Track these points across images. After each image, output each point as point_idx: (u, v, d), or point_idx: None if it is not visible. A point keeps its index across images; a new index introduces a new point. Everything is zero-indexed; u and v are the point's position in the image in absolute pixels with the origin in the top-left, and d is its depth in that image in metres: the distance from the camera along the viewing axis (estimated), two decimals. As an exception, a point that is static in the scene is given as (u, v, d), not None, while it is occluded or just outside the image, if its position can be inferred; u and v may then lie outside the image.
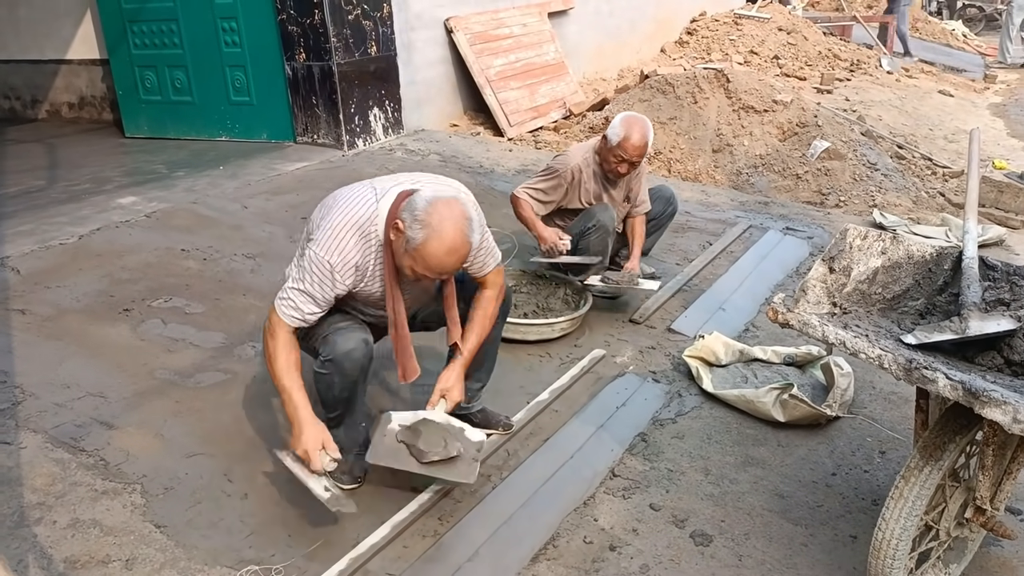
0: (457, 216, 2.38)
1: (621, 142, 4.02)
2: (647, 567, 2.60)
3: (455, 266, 2.43)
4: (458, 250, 2.39)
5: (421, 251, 2.36)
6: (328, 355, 2.57)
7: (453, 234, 2.36)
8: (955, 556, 2.54)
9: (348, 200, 2.53)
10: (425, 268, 2.40)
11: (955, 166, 7.12)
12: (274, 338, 2.51)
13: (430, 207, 2.36)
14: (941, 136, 8.32)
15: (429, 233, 2.34)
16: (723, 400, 3.52)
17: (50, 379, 3.25)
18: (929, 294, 2.60)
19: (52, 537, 2.49)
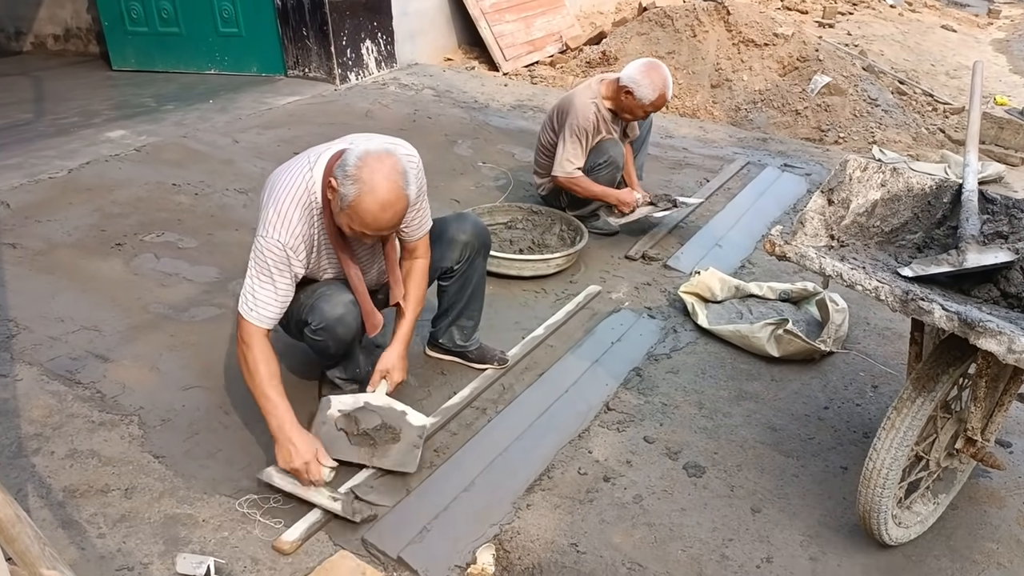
0: (389, 170, 2.27)
1: (656, 100, 4.02)
2: (640, 497, 2.64)
3: (391, 221, 2.32)
4: (392, 204, 2.28)
5: (355, 207, 2.26)
6: (319, 323, 2.54)
7: (386, 187, 2.25)
8: (944, 487, 2.58)
9: (285, 177, 2.43)
10: (361, 225, 2.31)
11: (956, 102, 7.04)
12: (250, 348, 2.39)
13: (360, 162, 2.26)
14: (943, 72, 8.20)
15: (361, 188, 2.24)
16: (718, 335, 3.53)
17: (43, 313, 3.24)
18: (927, 227, 2.59)
19: (51, 467, 2.50)
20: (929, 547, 2.50)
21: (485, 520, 2.49)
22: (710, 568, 2.39)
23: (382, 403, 2.66)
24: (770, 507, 2.63)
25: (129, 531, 2.31)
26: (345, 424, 2.60)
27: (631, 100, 4.05)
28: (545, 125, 4.36)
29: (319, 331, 2.56)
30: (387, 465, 2.60)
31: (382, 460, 2.60)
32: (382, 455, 2.59)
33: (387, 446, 2.60)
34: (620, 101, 4.10)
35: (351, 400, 2.64)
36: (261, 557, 2.27)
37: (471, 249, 2.90)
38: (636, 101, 4.04)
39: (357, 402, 2.63)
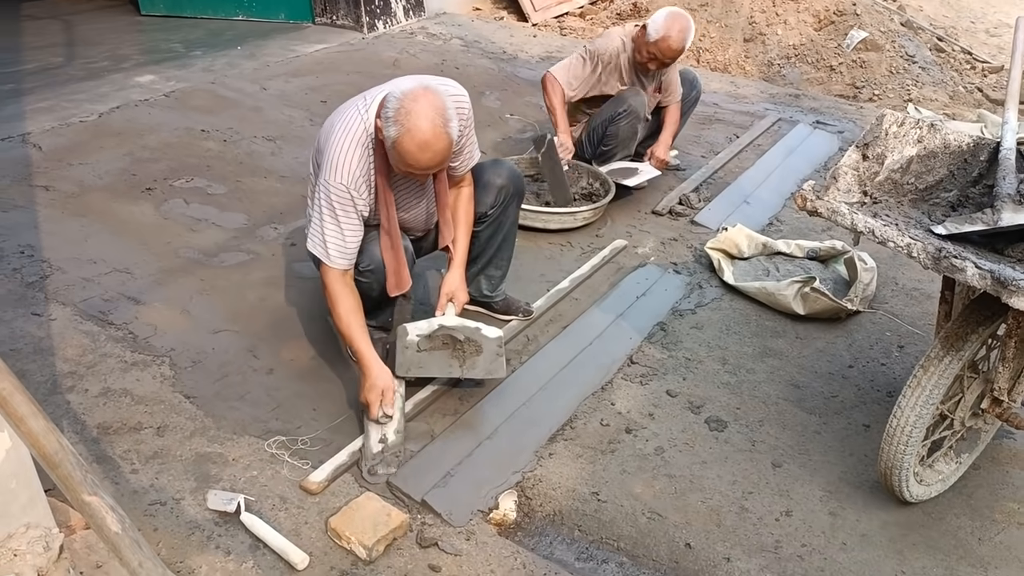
0: (426, 108, 2.27)
1: (658, 40, 3.89)
2: (662, 449, 2.66)
3: (433, 160, 2.33)
4: (431, 144, 2.28)
5: (397, 148, 2.29)
6: (368, 265, 2.59)
7: (423, 126, 2.26)
8: (967, 446, 2.58)
9: (342, 121, 2.47)
10: (405, 165, 2.34)
11: (995, 61, 6.85)
12: (326, 288, 2.51)
13: (398, 103, 2.28)
14: (983, 29, 7.97)
15: (399, 128, 2.27)
16: (743, 292, 3.52)
17: (76, 255, 3.29)
18: (963, 186, 2.54)
19: (85, 404, 2.57)
20: (949, 505, 2.51)
21: (508, 467, 2.53)
22: (729, 520, 2.42)
23: (455, 323, 2.73)
24: (791, 462, 2.64)
25: (161, 467, 2.37)
26: (427, 345, 2.68)
27: (641, 36, 3.97)
28: None
29: (366, 273, 2.60)
30: (477, 375, 2.71)
31: (471, 371, 2.70)
32: (470, 367, 2.69)
33: (473, 358, 2.69)
34: (636, 41, 4.02)
35: (426, 324, 2.70)
36: (289, 496, 2.32)
37: (506, 193, 2.90)
38: (643, 37, 3.94)
39: (432, 326, 2.70)
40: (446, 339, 2.69)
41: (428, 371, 2.70)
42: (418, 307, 3.21)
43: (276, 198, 3.90)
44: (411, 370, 2.66)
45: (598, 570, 2.26)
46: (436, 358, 2.69)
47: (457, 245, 2.81)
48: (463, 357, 2.69)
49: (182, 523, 2.20)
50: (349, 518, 2.21)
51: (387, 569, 2.15)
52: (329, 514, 2.25)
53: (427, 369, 2.69)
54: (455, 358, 2.69)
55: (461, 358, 2.69)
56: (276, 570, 2.10)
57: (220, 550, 2.13)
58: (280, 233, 3.62)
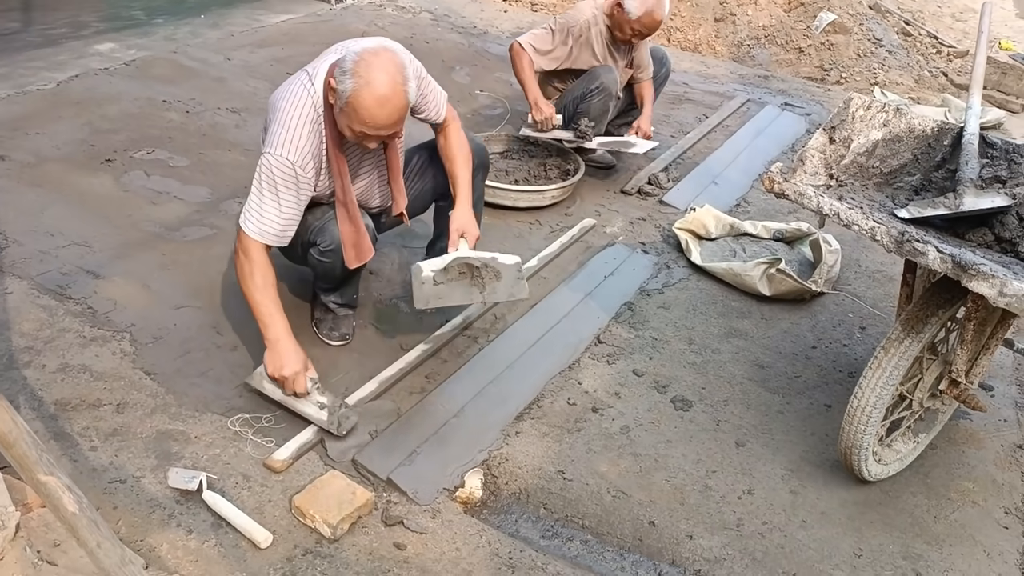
0: (385, 62, 2.24)
1: (642, 16, 3.89)
2: (628, 428, 2.68)
3: (391, 119, 2.27)
4: (390, 99, 2.23)
5: (353, 103, 2.22)
6: (328, 245, 2.53)
7: (383, 80, 2.21)
8: (925, 426, 2.63)
9: (289, 95, 2.40)
10: (360, 123, 2.26)
11: (960, 46, 6.94)
12: (248, 259, 2.38)
13: (358, 57, 2.23)
14: (949, 14, 8.06)
15: (357, 82, 2.21)
16: (710, 273, 3.54)
17: (33, 227, 3.20)
18: (926, 170, 2.57)
19: (42, 380, 2.51)
20: (906, 484, 2.57)
21: (474, 445, 2.53)
22: (693, 498, 2.44)
23: (470, 254, 2.69)
24: (754, 442, 2.68)
25: (121, 445, 2.33)
26: (443, 277, 2.63)
27: (620, 14, 3.94)
28: None
29: (327, 252, 2.55)
30: (499, 297, 2.68)
31: (492, 295, 2.66)
32: (491, 291, 2.65)
33: (492, 283, 2.65)
34: (613, 16, 4.00)
35: (440, 261, 2.66)
36: (252, 474, 2.30)
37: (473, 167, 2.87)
38: (624, 15, 3.92)
39: (445, 261, 2.66)
40: (463, 268, 2.65)
41: (449, 300, 2.64)
42: (385, 285, 3.20)
43: (240, 172, 3.83)
44: (430, 302, 2.61)
45: (563, 548, 2.28)
46: (455, 288, 2.64)
47: (459, 182, 2.76)
48: (482, 284, 2.65)
49: (143, 501, 2.17)
50: (313, 496, 2.19)
51: (352, 547, 2.14)
52: (293, 492, 2.23)
53: (447, 299, 2.63)
54: (475, 286, 2.65)
55: (481, 285, 2.65)
56: (239, 548, 2.08)
57: (181, 528, 2.11)
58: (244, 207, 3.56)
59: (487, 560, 2.16)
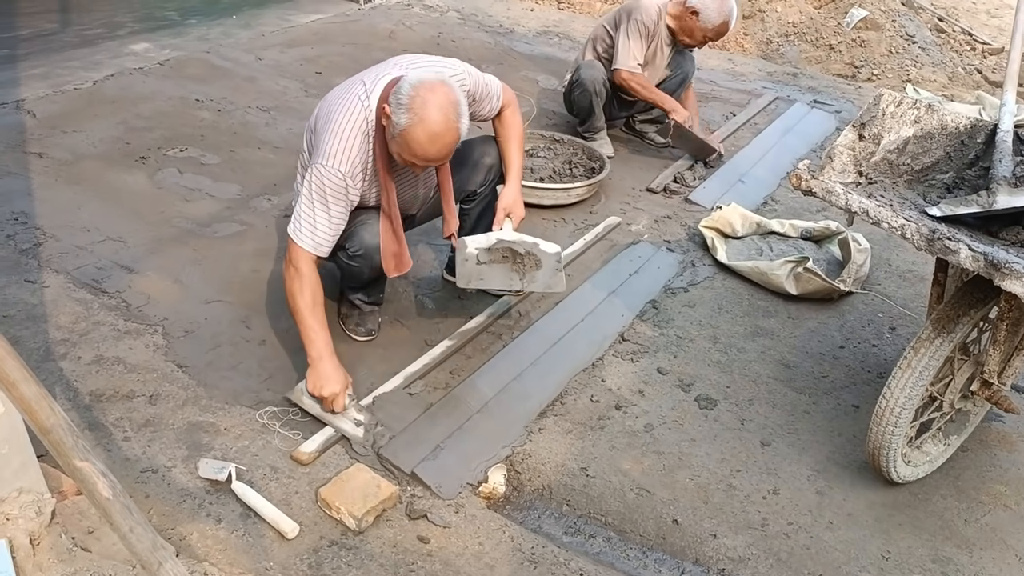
0: (442, 101, 2.27)
1: (718, 25, 4.03)
2: (651, 426, 2.68)
3: (440, 153, 2.34)
4: (442, 136, 2.29)
5: (405, 136, 2.28)
6: (357, 250, 2.57)
7: (437, 119, 2.26)
8: (956, 428, 2.60)
9: (342, 103, 2.43)
10: (411, 155, 2.33)
11: (995, 42, 6.82)
12: (299, 273, 2.41)
13: (413, 91, 2.26)
14: (984, 10, 7.92)
15: (412, 118, 2.26)
16: (736, 271, 3.52)
17: (70, 222, 3.27)
18: (959, 168, 2.54)
19: (77, 372, 2.57)
20: (936, 486, 2.54)
21: (498, 441, 2.54)
22: (717, 497, 2.44)
23: (514, 237, 2.73)
24: (780, 441, 2.66)
25: (153, 436, 2.38)
26: (487, 257, 2.68)
27: (694, 22, 4.03)
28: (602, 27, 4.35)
29: (356, 257, 2.59)
30: (537, 288, 2.74)
31: (531, 284, 2.72)
32: (530, 280, 2.71)
33: (532, 272, 2.70)
34: (683, 21, 4.09)
35: (484, 238, 2.70)
36: (280, 466, 2.33)
37: (495, 172, 2.89)
38: (698, 23, 4.03)
39: (490, 240, 2.70)
40: (506, 252, 2.69)
41: (489, 283, 2.71)
42: (411, 281, 3.22)
43: (270, 169, 3.88)
44: (472, 281, 2.66)
45: (585, 544, 2.28)
46: (496, 271, 2.69)
47: (512, 162, 2.82)
48: (523, 271, 2.70)
49: (173, 491, 2.21)
50: (339, 489, 2.22)
51: (376, 540, 2.16)
52: (319, 484, 2.26)
53: (488, 281, 2.69)
54: (515, 271, 2.70)
55: (521, 271, 2.70)
56: (266, 539, 2.11)
57: (211, 518, 2.15)
58: (274, 204, 3.61)
59: (510, 555, 2.18)
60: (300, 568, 2.06)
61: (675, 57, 4.36)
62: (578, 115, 4.43)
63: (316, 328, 2.43)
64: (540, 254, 2.72)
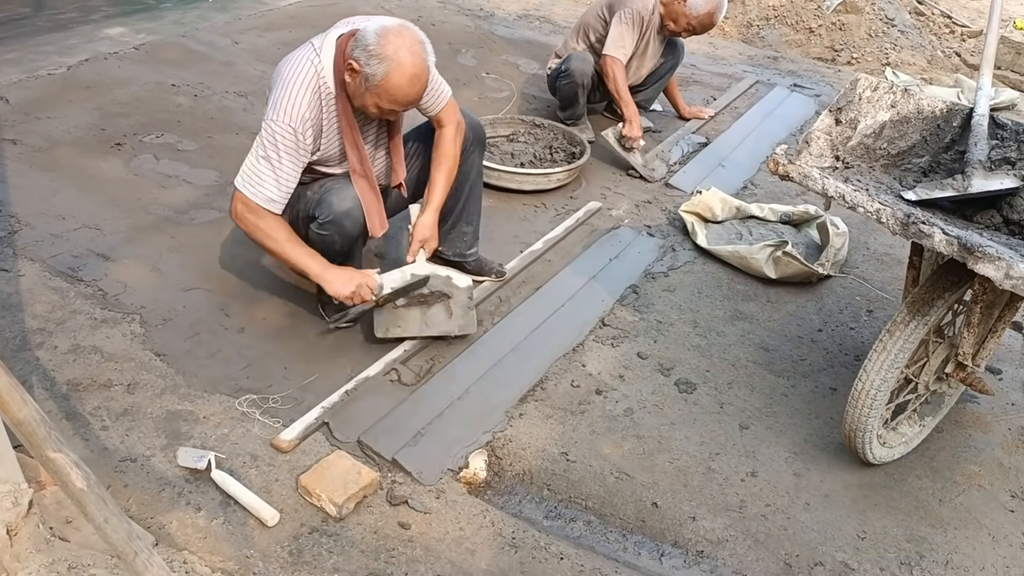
0: (411, 42, 2.34)
1: (702, 15, 4.06)
2: (631, 410, 2.69)
3: (419, 93, 2.41)
4: (419, 76, 2.36)
5: (384, 84, 2.32)
6: (327, 216, 2.55)
7: (412, 60, 2.32)
8: (931, 410, 2.63)
9: (292, 65, 2.46)
10: (391, 101, 2.37)
11: (974, 25, 6.86)
12: (260, 217, 2.45)
13: (382, 39, 2.30)
14: (963, -7, 7.97)
15: (388, 64, 2.30)
16: (716, 256, 3.54)
17: (45, 210, 3.23)
18: (935, 152, 2.56)
19: (54, 361, 2.54)
20: (911, 467, 2.57)
21: (478, 427, 2.55)
22: (696, 480, 2.46)
23: (427, 271, 2.74)
24: (758, 424, 2.68)
25: (132, 425, 2.36)
26: (404, 303, 2.71)
27: (681, 6, 4.05)
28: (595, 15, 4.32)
29: (326, 224, 2.57)
30: (451, 330, 2.78)
31: (442, 327, 2.76)
32: (441, 323, 2.75)
33: (442, 313, 2.74)
34: (672, 7, 4.09)
35: (399, 275, 2.70)
36: (260, 454, 2.33)
37: (467, 142, 2.87)
38: (684, 9, 4.04)
39: (404, 275, 2.70)
40: (421, 296, 2.73)
41: (406, 330, 2.75)
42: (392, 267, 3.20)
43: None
44: (390, 330, 2.72)
45: (566, 528, 2.30)
46: (413, 315, 2.73)
47: (434, 187, 2.78)
48: (440, 311, 2.75)
49: (152, 480, 2.20)
50: (319, 476, 2.22)
51: (357, 527, 2.16)
52: (300, 472, 2.26)
53: (405, 328, 2.74)
54: (435, 311, 2.75)
55: (439, 312, 2.75)
56: (246, 527, 2.11)
57: (191, 507, 2.14)
58: (252, 191, 3.58)
59: (490, 540, 2.19)
60: (281, 555, 2.06)
61: (667, 47, 4.39)
62: (561, 103, 4.41)
63: (302, 254, 2.50)
64: (452, 290, 2.75)
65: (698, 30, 4.16)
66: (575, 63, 4.20)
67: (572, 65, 4.20)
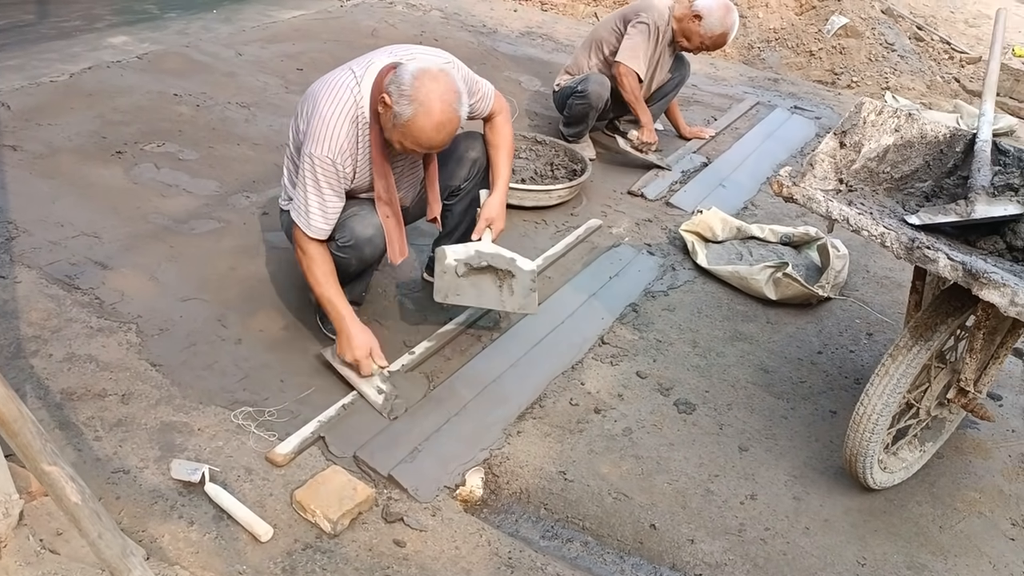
0: (444, 90, 2.32)
1: (717, 36, 4.10)
2: (630, 430, 2.67)
3: (444, 141, 2.40)
4: (446, 125, 2.34)
5: (409, 126, 2.32)
6: (347, 241, 2.56)
7: (441, 108, 2.31)
8: (932, 435, 2.61)
9: (330, 90, 2.46)
10: (414, 143, 2.37)
11: (973, 52, 6.90)
12: (305, 254, 2.53)
13: (417, 81, 2.30)
14: (962, 20, 8.01)
15: (417, 108, 2.29)
16: (716, 276, 3.53)
17: (43, 217, 3.22)
18: (938, 176, 2.56)
19: (49, 369, 2.52)
20: (912, 493, 2.55)
21: (476, 444, 2.52)
22: (694, 502, 2.44)
23: (492, 250, 2.72)
24: (757, 446, 2.67)
25: (125, 435, 2.34)
26: (465, 272, 2.68)
27: (696, 25, 4.09)
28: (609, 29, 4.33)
29: (346, 248, 2.57)
30: (510, 308, 2.76)
31: (504, 303, 2.74)
32: (505, 298, 2.73)
33: (508, 290, 2.72)
34: (685, 23, 4.14)
35: (463, 249, 2.70)
36: (254, 467, 2.30)
37: (479, 167, 2.88)
38: (699, 28, 4.09)
39: (469, 250, 2.70)
40: (484, 267, 2.70)
41: (465, 299, 2.71)
42: (391, 282, 3.19)
43: (249, 166, 3.84)
44: (448, 296, 2.68)
45: (563, 549, 2.27)
46: (473, 285, 2.70)
47: (498, 170, 2.83)
48: (500, 289, 2.72)
49: (145, 492, 2.17)
50: (314, 491, 2.19)
51: (352, 543, 2.14)
52: (294, 487, 2.23)
53: (464, 297, 2.71)
54: (493, 288, 2.72)
55: (499, 289, 2.72)
56: (239, 542, 2.08)
57: (183, 520, 2.11)
58: (252, 202, 3.57)
59: (486, 559, 2.16)
60: (274, 572, 2.03)
61: (675, 62, 4.40)
62: (568, 120, 4.38)
63: (333, 299, 2.54)
64: (516, 271, 2.72)
65: (711, 49, 4.20)
66: (593, 86, 4.17)
67: (590, 88, 4.17)
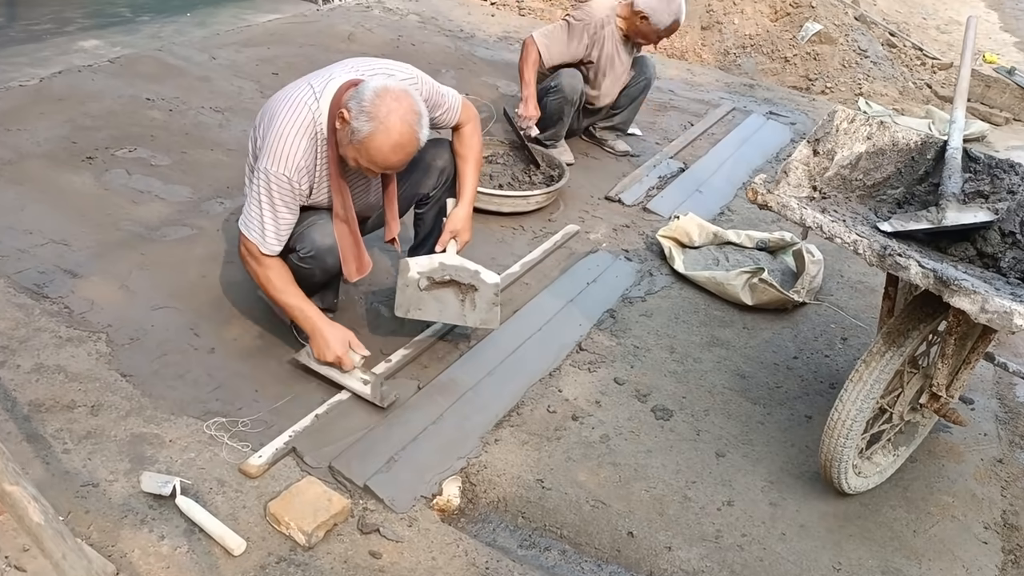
0: (406, 110, 2.28)
1: (670, 26, 4.12)
2: (607, 437, 2.67)
3: (401, 163, 2.36)
4: (404, 147, 2.31)
5: (366, 144, 2.28)
6: (308, 251, 2.54)
7: (400, 129, 2.27)
8: (905, 439, 2.63)
9: (288, 105, 2.42)
10: (369, 161, 2.33)
11: (945, 58, 6.99)
12: (260, 264, 2.49)
13: (378, 99, 2.26)
14: (934, 26, 8.13)
15: (376, 126, 2.26)
16: (693, 281, 3.54)
17: (11, 224, 3.16)
18: (909, 183, 2.58)
19: (16, 380, 2.47)
20: (886, 497, 2.57)
21: (452, 453, 2.51)
22: (672, 508, 2.43)
23: (455, 262, 2.71)
24: (734, 452, 2.67)
25: (95, 448, 2.29)
26: (427, 285, 2.67)
27: (646, 25, 4.11)
28: None
29: (307, 259, 2.55)
30: (471, 323, 2.75)
31: (466, 318, 2.73)
32: (468, 312, 2.72)
33: (470, 304, 2.71)
34: (635, 25, 4.15)
35: (427, 261, 2.69)
36: (227, 479, 2.27)
37: (447, 175, 2.87)
38: (651, 26, 4.10)
39: (432, 262, 2.69)
40: (447, 281, 2.69)
41: (426, 314, 2.71)
42: (366, 289, 3.17)
43: (223, 171, 3.80)
44: (410, 311, 2.68)
45: (540, 557, 2.26)
46: (436, 299, 2.69)
47: (465, 181, 2.81)
48: (462, 303, 2.71)
49: (114, 506, 2.13)
50: (289, 503, 2.17)
51: (327, 555, 2.11)
52: (268, 498, 2.21)
53: (426, 311, 2.70)
54: (458, 300, 2.71)
55: (460, 304, 2.71)
56: (211, 556, 2.05)
57: (154, 534, 2.07)
58: (226, 208, 3.53)
59: (464, 570, 2.14)
60: (247, 585, 2.00)
61: (638, 63, 4.40)
62: (545, 120, 4.31)
63: (299, 304, 2.53)
64: (479, 284, 2.71)
65: (669, 36, 4.28)
66: (566, 79, 4.16)
67: (563, 81, 4.16)
